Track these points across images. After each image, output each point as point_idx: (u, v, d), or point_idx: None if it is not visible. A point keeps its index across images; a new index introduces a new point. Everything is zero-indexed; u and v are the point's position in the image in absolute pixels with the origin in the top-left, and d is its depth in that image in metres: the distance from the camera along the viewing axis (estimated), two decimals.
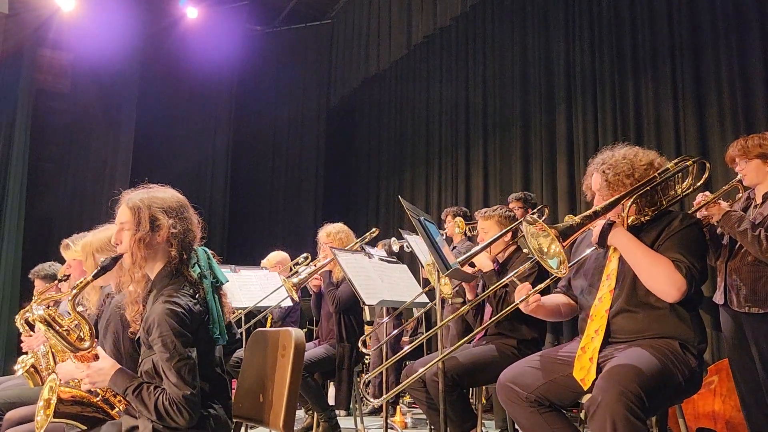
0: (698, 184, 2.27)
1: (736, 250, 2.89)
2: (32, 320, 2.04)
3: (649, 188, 2.11)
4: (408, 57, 7.84)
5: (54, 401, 1.87)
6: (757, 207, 2.89)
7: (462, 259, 2.83)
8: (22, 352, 3.19)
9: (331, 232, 4.02)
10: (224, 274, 1.98)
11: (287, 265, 4.71)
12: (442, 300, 2.81)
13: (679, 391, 1.98)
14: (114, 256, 1.91)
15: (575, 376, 1.96)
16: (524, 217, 2.16)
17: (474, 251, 2.89)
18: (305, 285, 4.02)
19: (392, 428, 4.28)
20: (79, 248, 2.54)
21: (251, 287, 4.11)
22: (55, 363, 2.56)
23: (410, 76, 8.13)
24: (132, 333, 2.00)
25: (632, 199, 2.10)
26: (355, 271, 3.19)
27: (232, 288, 3.90)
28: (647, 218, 2.13)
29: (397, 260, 3.83)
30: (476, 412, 2.97)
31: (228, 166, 9.01)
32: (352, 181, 9.23)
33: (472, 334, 2.45)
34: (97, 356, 1.90)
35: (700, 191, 2.84)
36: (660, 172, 2.14)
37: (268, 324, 4.72)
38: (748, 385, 2.94)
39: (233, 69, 8.99)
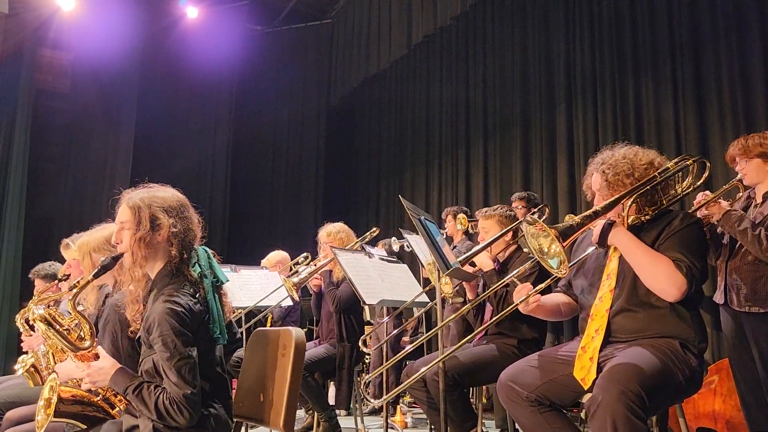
0: (698, 183, 2.26)
1: (737, 249, 2.89)
2: (32, 320, 2.03)
3: (649, 188, 2.10)
4: (408, 57, 7.83)
5: (54, 400, 1.87)
6: (758, 206, 2.89)
7: (462, 258, 2.83)
8: (23, 351, 3.19)
9: (331, 232, 4.02)
10: (224, 274, 1.98)
11: (287, 264, 4.71)
12: (442, 299, 2.81)
13: (679, 391, 1.97)
14: (114, 255, 1.91)
15: (576, 376, 1.96)
16: (524, 217, 2.16)
17: (474, 251, 2.89)
18: (305, 285, 4.02)
19: (392, 428, 4.28)
20: (76, 248, 2.53)
21: (251, 287, 4.11)
22: (55, 363, 2.56)
23: (410, 76, 8.13)
24: (132, 332, 2.00)
25: (632, 199, 2.10)
26: (356, 271, 3.19)
27: (233, 287, 3.90)
28: (647, 217, 2.12)
29: (398, 260, 3.83)
30: (477, 412, 2.97)
31: (228, 165, 9.01)
32: (352, 181, 9.23)
33: (472, 335, 2.45)
34: (97, 355, 1.90)
35: (701, 190, 2.85)
36: (660, 171, 2.14)
37: (268, 323, 4.72)
38: (749, 384, 2.94)
39: (233, 69, 8.99)
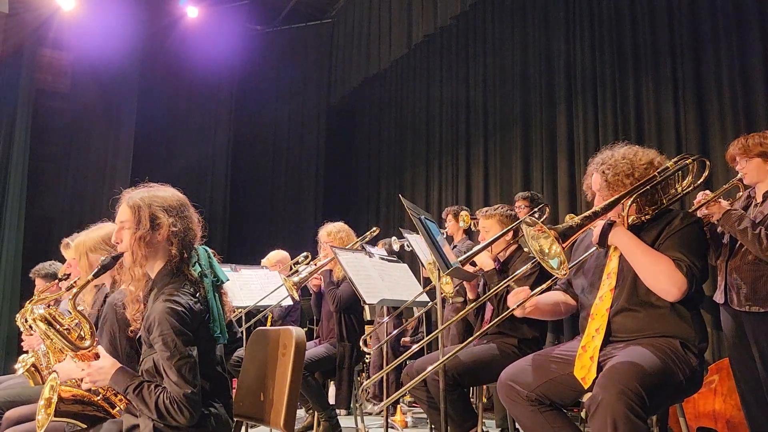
0: (698, 182, 2.26)
1: (737, 248, 2.89)
2: (33, 320, 2.03)
3: (649, 187, 2.10)
4: (408, 56, 7.83)
5: (55, 400, 1.87)
6: (758, 206, 2.89)
7: (463, 258, 2.83)
8: (23, 351, 3.19)
9: (331, 231, 4.02)
10: (225, 273, 1.98)
11: (287, 264, 4.71)
12: (442, 299, 2.81)
13: (679, 390, 1.97)
14: (114, 254, 1.91)
15: (576, 375, 1.96)
16: (523, 218, 2.15)
17: (475, 250, 2.89)
18: (305, 284, 4.02)
19: (393, 427, 4.28)
20: (72, 248, 2.53)
21: (252, 286, 4.11)
22: (56, 362, 2.56)
23: (410, 76, 8.13)
24: (132, 332, 2.00)
25: (632, 199, 2.10)
26: (356, 270, 3.19)
27: (233, 287, 3.90)
28: (648, 217, 2.12)
29: (398, 259, 3.83)
30: (477, 411, 2.97)
31: (228, 165, 9.01)
32: (352, 181, 9.23)
33: (474, 337, 2.44)
34: (97, 355, 1.90)
35: (701, 189, 2.85)
36: (660, 170, 2.13)
37: (269, 323, 4.71)
38: (749, 384, 2.94)
39: (233, 68, 8.98)
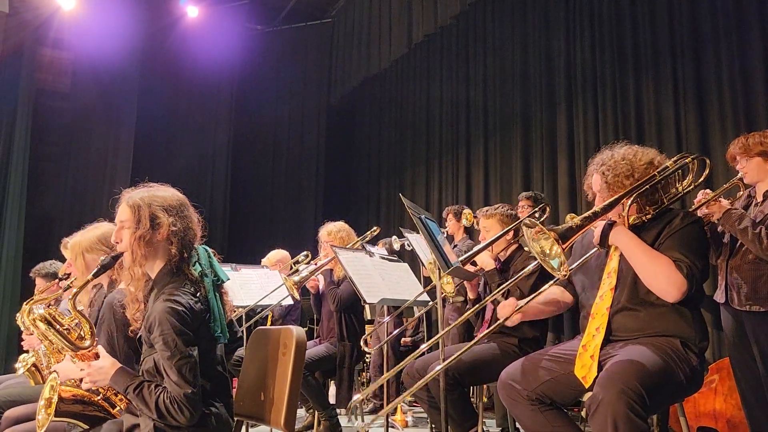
0: (699, 181, 2.26)
1: (737, 248, 2.89)
2: (32, 320, 2.02)
3: (649, 187, 2.10)
4: (408, 56, 7.83)
5: (55, 400, 1.87)
6: (758, 205, 2.89)
7: (463, 258, 2.83)
8: (23, 350, 3.19)
9: (332, 231, 4.02)
10: (225, 273, 1.98)
11: (288, 263, 4.71)
12: (443, 299, 2.81)
13: (680, 390, 1.97)
14: (114, 254, 1.91)
15: (576, 374, 1.96)
16: (522, 219, 2.15)
17: (475, 250, 2.89)
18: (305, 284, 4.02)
19: (393, 427, 4.28)
20: (68, 248, 2.52)
21: (252, 285, 4.11)
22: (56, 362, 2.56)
23: (411, 75, 8.13)
24: (133, 332, 2.00)
25: (632, 198, 2.10)
26: (356, 270, 3.19)
27: (233, 286, 3.90)
28: (648, 216, 2.12)
29: (398, 259, 3.83)
30: (477, 411, 2.97)
31: (228, 164, 9.00)
32: (352, 180, 9.23)
33: (474, 342, 2.42)
34: (97, 355, 1.90)
35: (701, 188, 2.85)
36: (660, 170, 2.14)
37: (269, 322, 4.71)
38: (749, 383, 2.94)
39: (233, 68, 8.98)
